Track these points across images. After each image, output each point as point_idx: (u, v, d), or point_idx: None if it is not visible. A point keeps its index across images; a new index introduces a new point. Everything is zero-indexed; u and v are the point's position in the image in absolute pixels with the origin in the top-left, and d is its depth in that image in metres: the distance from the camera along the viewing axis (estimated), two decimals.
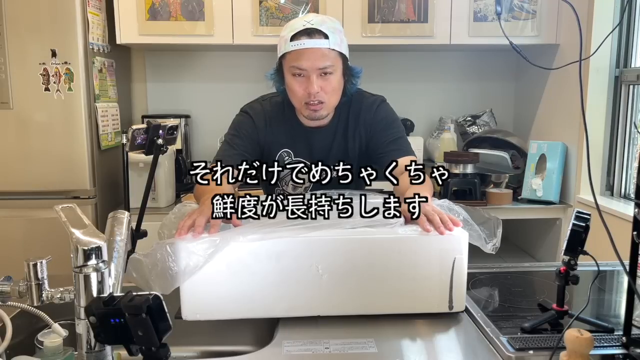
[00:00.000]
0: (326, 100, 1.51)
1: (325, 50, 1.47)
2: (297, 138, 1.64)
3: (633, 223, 0.91)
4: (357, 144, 1.64)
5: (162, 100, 3.08)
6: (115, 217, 0.98)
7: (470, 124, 3.06)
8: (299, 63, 1.47)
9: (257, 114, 1.64)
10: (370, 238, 1.13)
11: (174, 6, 2.56)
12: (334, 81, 1.51)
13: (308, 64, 1.47)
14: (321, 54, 1.46)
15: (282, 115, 1.65)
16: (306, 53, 1.46)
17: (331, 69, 1.48)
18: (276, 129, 1.63)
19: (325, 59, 1.47)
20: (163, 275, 1.05)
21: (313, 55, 1.46)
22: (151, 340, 0.72)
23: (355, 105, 1.65)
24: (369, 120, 1.63)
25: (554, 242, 2.70)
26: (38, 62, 2.32)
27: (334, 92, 1.52)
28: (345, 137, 1.64)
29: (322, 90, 1.49)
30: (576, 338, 0.86)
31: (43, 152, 2.37)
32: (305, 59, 1.46)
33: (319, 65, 1.47)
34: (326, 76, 1.48)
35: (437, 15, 2.64)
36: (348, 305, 1.15)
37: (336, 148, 1.64)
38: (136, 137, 1.64)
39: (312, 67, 1.47)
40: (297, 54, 1.47)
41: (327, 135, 1.64)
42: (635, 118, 2.41)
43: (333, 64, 1.48)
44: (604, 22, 2.38)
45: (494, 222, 1.24)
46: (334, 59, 1.49)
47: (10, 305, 0.91)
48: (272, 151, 1.64)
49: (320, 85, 1.48)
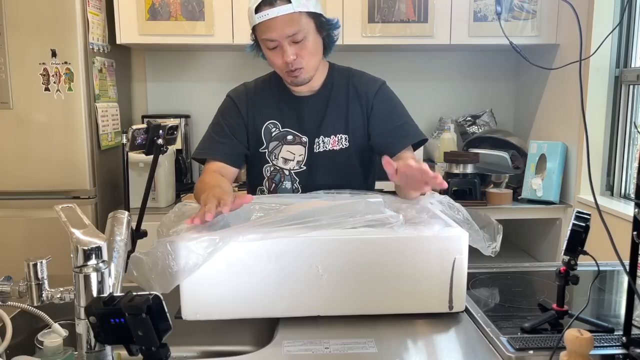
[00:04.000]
0: (304, 65, 1.49)
1: (291, 15, 1.43)
2: (285, 108, 1.60)
3: (633, 223, 0.91)
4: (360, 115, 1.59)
5: (162, 100, 3.08)
6: (115, 217, 0.98)
7: (470, 124, 3.06)
8: (268, 35, 1.45)
9: (239, 95, 1.64)
10: (370, 238, 1.13)
11: (174, 6, 2.56)
12: (309, 45, 1.48)
13: (276, 34, 1.44)
14: (288, 20, 1.43)
15: (267, 89, 1.63)
16: (273, 23, 1.43)
17: (302, 34, 1.45)
18: (259, 103, 1.61)
19: (293, 24, 1.43)
20: (163, 274, 1.05)
21: (280, 24, 1.43)
22: (151, 340, 0.72)
23: (356, 77, 1.63)
24: (371, 94, 1.59)
25: (554, 242, 2.70)
26: (38, 62, 2.32)
27: (311, 55, 1.49)
28: (343, 105, 1.59)
29: (298, 57, 1.47)
30: (576, 338, 0.86)
31: (43, 152, 2.37)
32: (273, 29, 1.44)
33: (287, 33, 1.43)
34: (299, 42, 1.46)
35: (437, 15, 2.64)
36: (348, 305, 1.15)
37: (331, 115, 1.59)
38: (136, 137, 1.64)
39: (282, 36, 1.44)
40: (264, 26, 1.44)
41: (318, 102, 1.60)
42: (635, 118, 2.41)
43: (303, 27, 1.45)
44: (604, 22, 2.38)
45: (495, 227, 1.24)
46: (303, 22, 1.45)
47: (10, 305, 0.91)
48: (257, 125, 1.61)
49: (295, 52, 1.46)
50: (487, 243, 1.21)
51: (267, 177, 1.62)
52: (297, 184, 1.60)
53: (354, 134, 1.59)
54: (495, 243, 1.22)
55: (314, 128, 1.58)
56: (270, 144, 1.60)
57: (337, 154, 1.59)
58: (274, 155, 1.60)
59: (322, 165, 1.58)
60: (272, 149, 1.60)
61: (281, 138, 1.59)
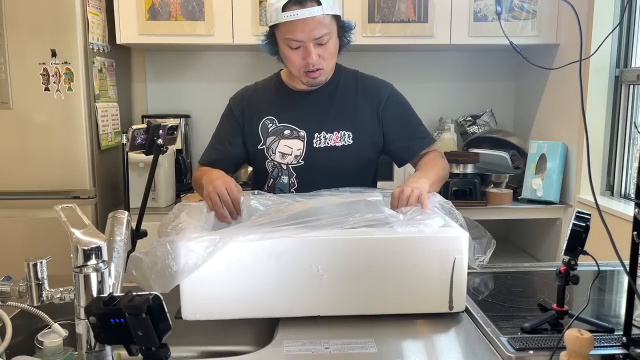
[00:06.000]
0: (325, 67, 1.50)
1: (320, 17, 1.41)
2: (282, 103, 1.61)
3: (633, 223, 0.91)
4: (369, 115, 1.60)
5: (162, 100, 3.08)
6: (115, 217, 0.98)
7: (470, 124, 3.06)
8: (294, 35, 1.43)
9: (235, 98, 1.68)
10: (370, 238, 1.13)
11: (174, 6, 2.56)
12: (331, 46, 1.49)
13: (304, 35, 1.42)
14: (316, 22, 1.41)
15: (267, 88, 1.65)
16: (300, 24, 1.41)
17: (327, 36, 1.45)
18: (257, 101, 1.63)
19: (321, 27, 1.42)
20: (162, 274, 1.05)
21: (308, 26, 1.41)
22: (151, 340, 0.72)
23: (365, 79, 1.64)
24: (383, 98, 1.61)
25: (554, 242, 2.70)
26: (38, 62, 2.32)
27: (332, 56, 1.51)
28: (351, 104, 1.60)
29: (320, 58, 1.47)
30: (576, 338, 0.86)
31: (43, 152, 2.37)
32: (300, 30, 1.41)
33: (315, 35, 1.43)
34: (323, 45, 1.46)
35: (437, 15, 2.64)
36: (348, 305, 1.15)
37: (336, 112, 1.59)
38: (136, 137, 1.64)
39: (309, 38, 1.43)
40: (291, 25, 1.42)
41: (322, 98, 1.60)
42: (635, 118, 2.41)
43: (329, 30, 1.45)
44: (604, 22, 2.38)
45: (487, 241, 1.23)
46: (329, 25, 1.45)
47: (10, 305, 0.91)
48: (253, 124, 1.61)
49: (318, 53, 1.46)
50: (475, 255, 1.20)
51: (269, 173, 1.62)
52: (294, 179, 1.60)
53: (359, 132, 1.59)
54: (485, 257, 1.21)
55: (315, 123, 1.58)
56: (268, 140, 1.60)
57: (338, 150, 1.58)
58: (271, 150, 1.60)
59: (321, 160, 1.58)
60: (270, 144, 1.60)
61: (278, 133, 1.60)
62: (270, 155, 1.61)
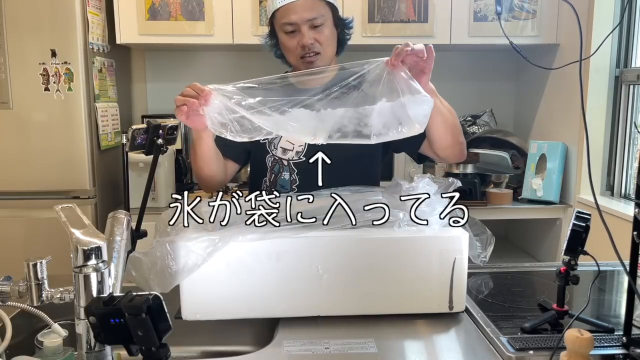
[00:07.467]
0: (322, 51, 1.52)
1: (312, 1, 1.48)
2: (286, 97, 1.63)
3: (633, 223, 0.91)
4: None
5: (162, 100, 3.08)
6: (115, 217, 0.98)
7: (470, 124, 3.06)
8: (288, 18, 1.49)
9: None
10: (370, 238, 1.13)
11: (174, 6, 2.56)
12: (326, 31, 1.52)
13: (297, 17, 1.48)
14: (309, 5, 1.48)
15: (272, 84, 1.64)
16: (293, 7, 1.48)
17: (321, 20, 1.50)
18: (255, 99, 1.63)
19: (314, 9, 1.49)
20: (162, 274, 1.05)
21: (301, 8, 1.48)
22: (151, 340, 0.72)
23: None
24: None
25: (554, 242, 2.70)
26: (38, 62, 2.32)
27: (328, 42, 1.54)
28: None
29: (315, 42, 1.50)
30: (576, 338, 0.86)
31: (43, 152, 2.37)
32: (293, 12, 1.48)
33: (308, 17, 1.48)
34: (318, 28, 1.50)
35: (437, 15, 2.64)
36: (348, 305, 1.15)
37: None
38: (136, 137, 1.64)
39: (302, 19, 1.48)
40: (285, 9, 1.49)
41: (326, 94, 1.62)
42: (635, 118, 2.41)
43: (322, 14, 1.50)
44: (604, 22, 2.38)
45: (487, 238, 1.23)
46: (322, 9, 1.50)
47: (10, 305, 0.91)
48: None
49: (313, 37, 1.50)
50: (478, 252, 1.20)
51: (269, 168, 1.62)
52: (296, 175, 1.59)
53: None
54: (486, 253, 1.21)
55: None
56: None
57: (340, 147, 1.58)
58: (273, 145, 1.61)
59: None
60: (272, 138, 1.60)
61: None
62: (272, 150, 1.61)
